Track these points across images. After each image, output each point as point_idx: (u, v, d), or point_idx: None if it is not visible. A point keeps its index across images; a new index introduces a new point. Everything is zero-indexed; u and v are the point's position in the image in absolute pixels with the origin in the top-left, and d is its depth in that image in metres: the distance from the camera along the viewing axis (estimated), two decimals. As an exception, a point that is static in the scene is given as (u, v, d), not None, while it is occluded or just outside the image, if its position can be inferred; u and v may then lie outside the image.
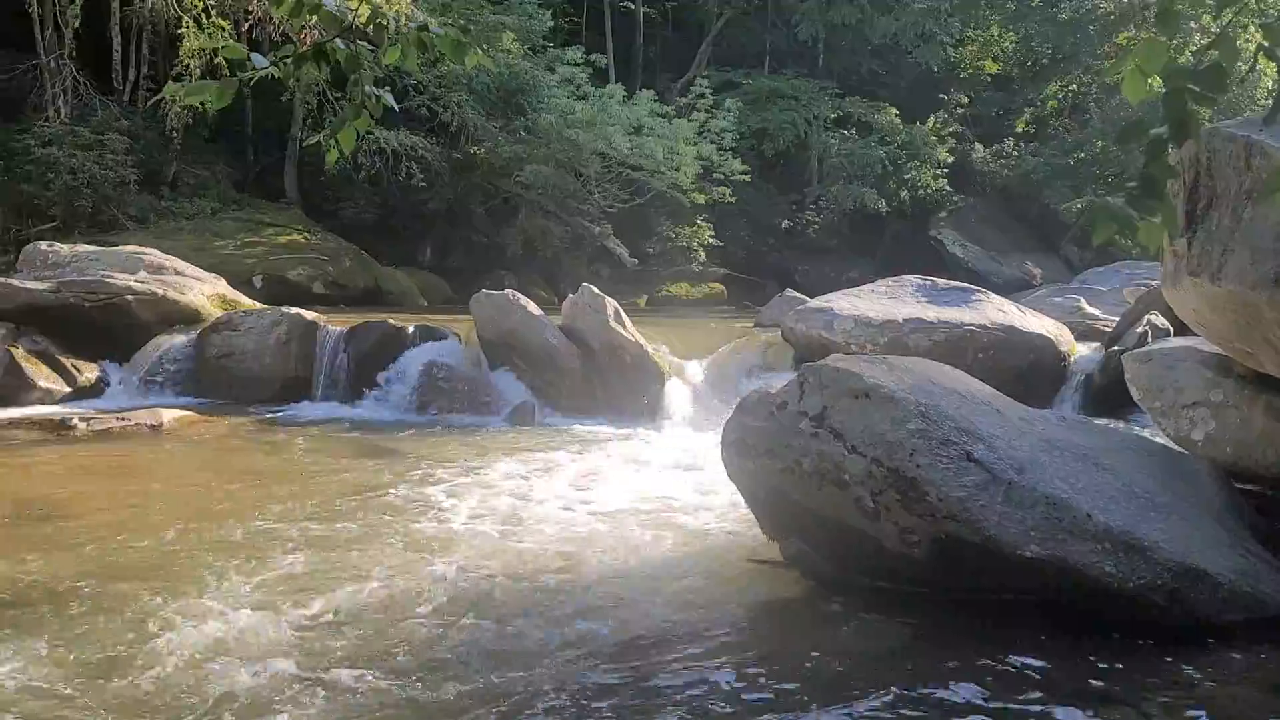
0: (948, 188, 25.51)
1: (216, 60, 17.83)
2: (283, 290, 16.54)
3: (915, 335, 9.31)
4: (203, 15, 17.61)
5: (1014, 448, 4.46)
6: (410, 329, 10.64)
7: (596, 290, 10.23)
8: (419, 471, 7.10)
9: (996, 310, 9.83)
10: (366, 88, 2.42)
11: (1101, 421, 7.64)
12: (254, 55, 2.36)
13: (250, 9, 17.86)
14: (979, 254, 23.97)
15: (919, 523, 4.30)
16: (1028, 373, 9.19)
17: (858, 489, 4.43)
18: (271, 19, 17.52)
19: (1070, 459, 4.56)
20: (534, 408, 9.70)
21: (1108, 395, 8.80)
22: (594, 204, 20.92)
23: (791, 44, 28.03)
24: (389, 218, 21.23)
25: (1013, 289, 18.15)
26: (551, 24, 21.23)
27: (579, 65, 20.32)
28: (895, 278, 11.05)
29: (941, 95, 26.91)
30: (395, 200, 20.87)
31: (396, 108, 2.58)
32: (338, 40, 2.35)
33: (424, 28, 2.38)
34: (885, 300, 10.16)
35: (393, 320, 10.97)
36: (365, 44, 2.44)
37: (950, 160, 25.48)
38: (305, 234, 19.27)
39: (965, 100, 27.16)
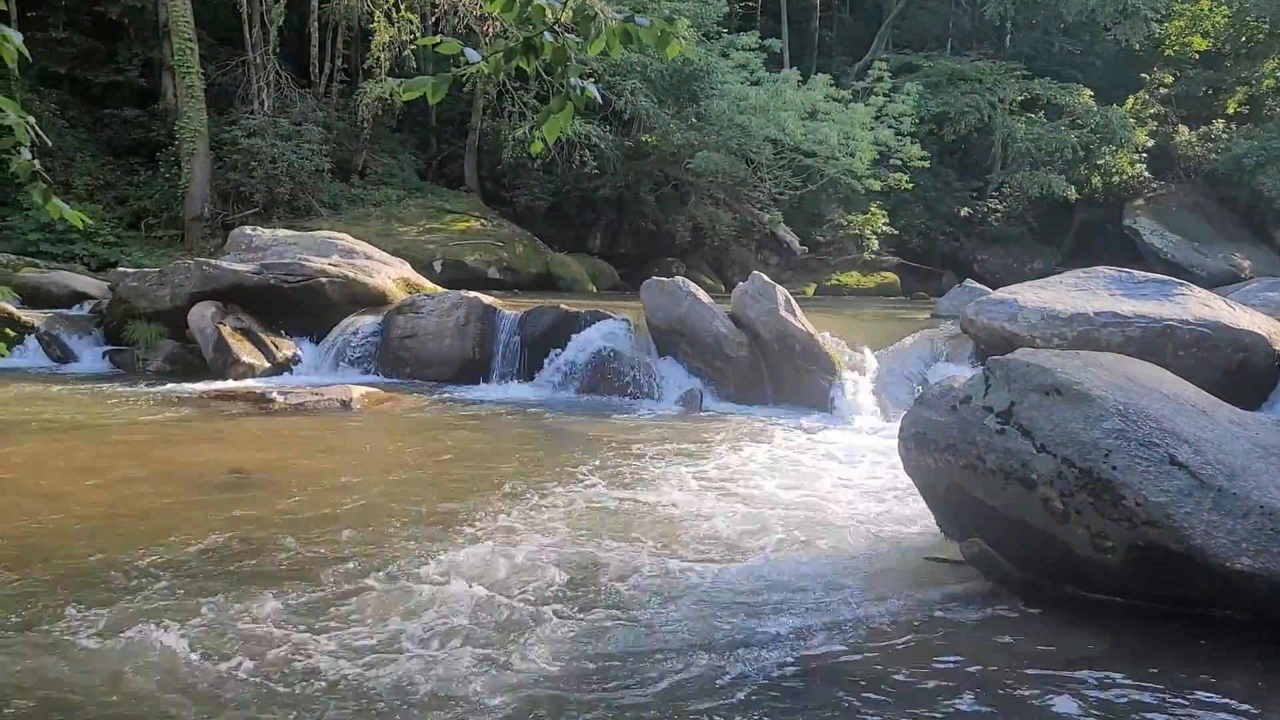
0: (1146, 173, 23.92)
1: (404, 53, 18.69)
2: (460, 274, 17.23)
3: (1108, 330, 8.75)
4: (393, 10, 18.45)
5: (1224, 452, 4.12)
6: (581, 314, 10.83)
7: (767, 278, 10.11)
8: (592, 452, 7.22)
9: (1200, 305, 9.11)
10: (572, 80, 2.44)
11: (1323, 428, 6.96)
12: (467, 50, 2.41)
13: (436, 2, 18.57)
14: (1180, 244, 22.36)
15: (1114, 528, 4.03)
16: (1236, 373, 8.49)
17: (1046, 489, 4.19)
18: (456, 11, 18.16)
19: (1290, 467, 4.16)
20: (701, 394, 9.70)
21: (1331, 399, 8.02)
22: (764, 191, 20.73)
23: (977, 24, 26.94)
24: (561, 205, 21.71)
25: (1218, 282, 16.86)
26: (726, 9, 21.11)
27: (753, 50, 20.13)
28: (1086, 269, 10.42)
29: (1142, 75, 25.24)
30: (567, 187, 21.30)
31: (600, 100, 2.59)
32: (546, 33, 2.37)
33: (630, 19, 2.38)
34: (1074, 292, 9.58)
35: (564, 305, 11.20)
36: (571, 36, 2.45)
37: (1150, 144, 23.87)
38: (482, 220, 19.96)
39: (1169, 79, 25.36)
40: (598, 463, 6.88)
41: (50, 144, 3.14)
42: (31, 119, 2.80)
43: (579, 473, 6.55)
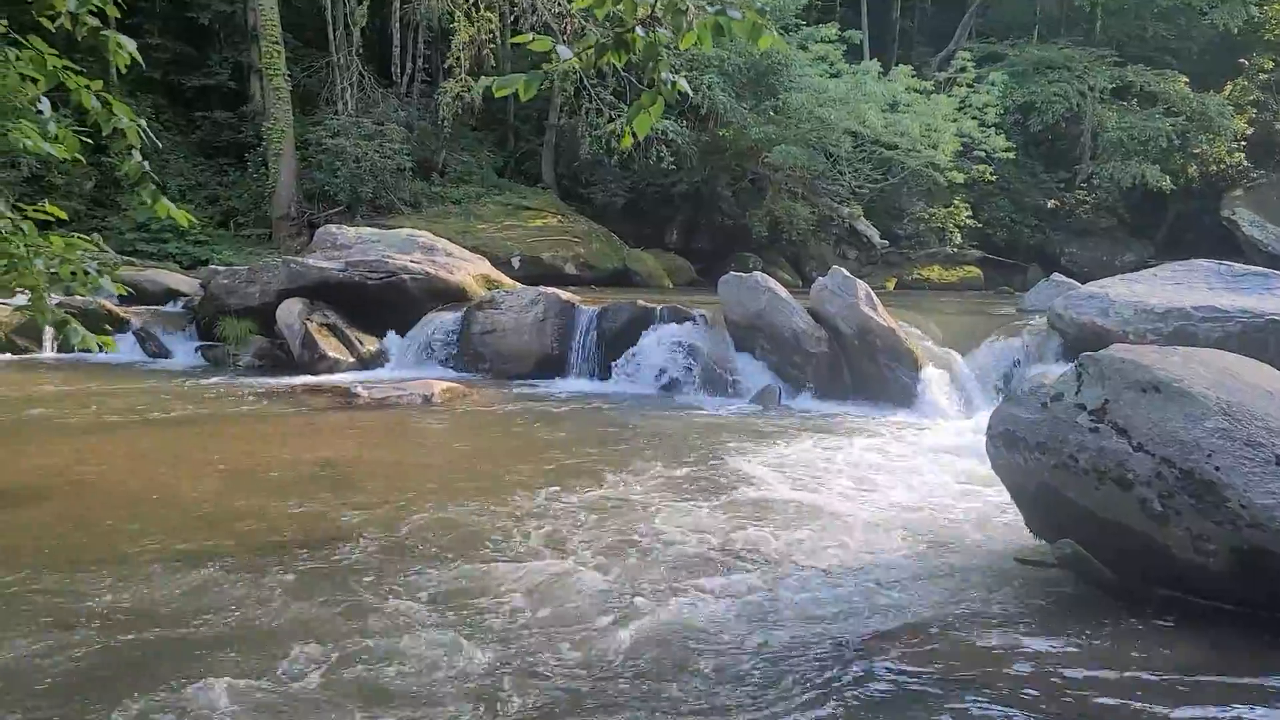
0: (1245, 162, 22.94)
1: (484, 52, 18.91)
2: (538, 270, 17.38)
3: (1206, 325, 8.41)
4: (472, 9, 18.67)
5: (1336, 453, 3.91)
6: (658, 310, 10.82)
7: (847, 273, 9.97)
8: (669, 449, 7.20)
9: (1306, 299, 8.71)
10: (664, 74, 2.42)
11: None
12: (560, 47, 2.41)
13: (515, 1, 18.74)
14: (1282, 236, 21.42)
15: (1216, 530, 3.87)
16: (1344, 370, 8.08)
17: (1143, 490, 4.04)
18: (534, 9, 18.29)
19: None
20: (779, 391, 9.60)
21: None
22: (843, 184, 20.45)
23: (1065, 10, 26.14)
24: (637, 200, 21.72)
25: (1323, 275, 16.04)
26: (805, 1, 20.87)
27: (833, 42, 19.86)
28: (1183, 262, 10.05)
29: (1241, 60, 24.21)
30: (644, 183, 21.30)
31: (691, 93, 2.57)
32: (638, 28, 2.36)
33: (722, 11, 2.35)
34: (1170, 286, 9.24)
35: (642, 301, 11.20)
36: (662, 31, 2.44)
37: (1249, 132, 22.87)
38: (559, 217, 20.09)
39: (1268, 64, 24.27)
40: (676, 459, 6.86)
41: (160, 145, 3.27)
42: (143, 122, 2.90)
43: (658, 469, 6.54)
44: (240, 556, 4.55)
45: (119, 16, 3.02)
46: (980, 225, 22.73)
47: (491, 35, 19.25)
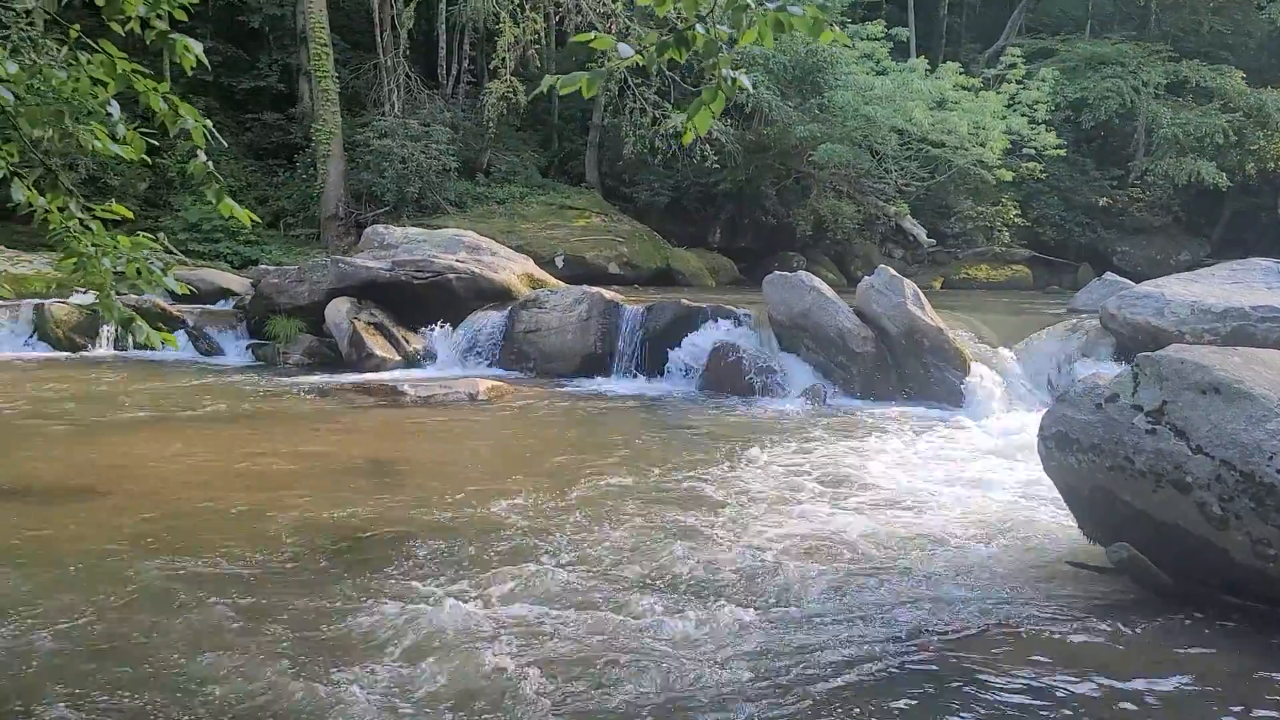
0: (1304, 159, 22.38)
1: (528, 53, 19.00)
2: (581, 270, 17.42)
3: (1265, 325, 8.23)
4: (517, 10, 18.77)
5: (1405, 457, 3.80)
6: (703, 309, 10.79)
7: (894, 272, 9.87)
8: (714, 448, 7.19)
9: (1370, 298, 8.48)
10: (724, 70, 2.43)
11: None
12: (621, 45, 2.42)
13: (560, 2, 18.80)
14: (1343, 234, 20.86)
15: (1277, 534, 3.78)
16: None
17: (1202, 493, 3.96)
18: (579, 9, 18.34)
19: None
20: (825, 391, 9.54)
21: None
22: (889, 183, 20.25)
23: (1118, 5, 25.66)
24: (681, 199, 21.69)
25: (1387, 274, 15.59)
26: (851, -1, 20.73)
27: (879, 40, 19.67)
28: (1241, 261, 9.84)
29: (1299, 54, 23.65)
30: (687, 182, 21.28)
31: (751, 88, 2.56)
32: (698, 25, 2.36)
33: (783, 7, 2.34)
34: (1228, 285, 9.05)
35: (686, 300, 11.18)
36: (722, 27, 2.45)
37: (1309, 127, 22.30)
38: (602, 216, 20.12)
39: (1329, 58, 23.67)
40: (721, 458, 6.84)
41: (225, 145, 3.35)
42: (209, 123, 2.97)
43: (702, 468, 6.53)
44: (285, 550, 4.61)
45: (184, 20, 3.07)
46: (1029, 224, 22.42)
47: (536, 36, 19.33)
